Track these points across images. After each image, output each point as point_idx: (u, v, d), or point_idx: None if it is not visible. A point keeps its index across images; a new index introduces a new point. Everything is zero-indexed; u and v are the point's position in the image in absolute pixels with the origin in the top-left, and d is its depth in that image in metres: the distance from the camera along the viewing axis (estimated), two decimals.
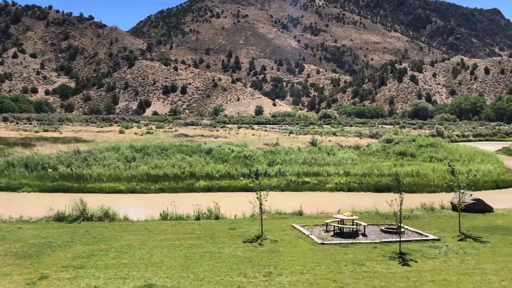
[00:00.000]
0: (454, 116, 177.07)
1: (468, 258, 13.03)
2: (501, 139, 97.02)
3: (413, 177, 33.12)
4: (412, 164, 38.79)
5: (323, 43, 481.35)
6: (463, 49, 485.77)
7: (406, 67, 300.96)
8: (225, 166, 34.82)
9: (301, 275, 11.40)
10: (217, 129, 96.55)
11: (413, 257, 13.09)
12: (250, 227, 17.04)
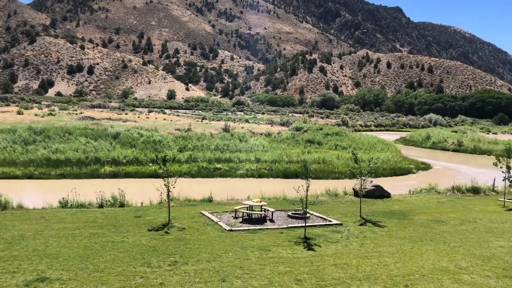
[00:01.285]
0: (358, 107, 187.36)
1: (367, 242, 13.72)
2: (399, 129, 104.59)
3: (319, 164, 34.40)
4: (319, 152, 40.31)
5: (237, 29, 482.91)
6: (369, 44, 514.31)
7: (316, 58, 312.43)
8: (133, 151, 33.57)
9: (208, 263, 11.22)
10: (126, 113, 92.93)
11: (317, 242, 13.49)
12: (157, 215, 16.51)
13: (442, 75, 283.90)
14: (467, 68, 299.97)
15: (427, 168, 39.73)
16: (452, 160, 49.12)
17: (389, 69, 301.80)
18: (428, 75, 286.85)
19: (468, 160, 49.15)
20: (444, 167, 42.43)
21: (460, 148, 57.06)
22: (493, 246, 13.58)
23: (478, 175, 29.19)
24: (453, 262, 11.97)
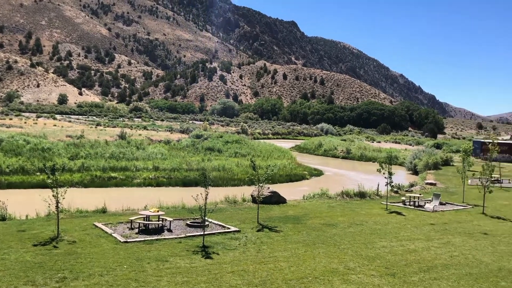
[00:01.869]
0: (257, 115, 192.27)
1: (264, 248, 14.07)
2: (294, 137, 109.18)
3: (219, 172, 34.61)
4: (219, 159, 40.58)
5: (135, 34, 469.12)
6: (266, 55, 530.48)
7: (216, 67, 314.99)
8: (18, 159, 30.95)
9: (100, 277, 10.67)
10: (10, 118, 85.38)
11: (215, 250, 13.52)
12: (45, 228, 15.34)
13: (333, 87, 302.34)
14: (354, 82, 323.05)
15: (320, 174, 41.93)
16: (342, 166, 52.40)
17: (285, 80, 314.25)
18: (320, 87, 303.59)
19: (355, 166, 52.79)
20: (335, 173, 45.09)
21: (349, 156, 61.12)
22: (377, 247, 14.69)
23: (365, 181, 31.45)
24: (342, 263, 12.73)
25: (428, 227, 18.15)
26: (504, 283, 11.41)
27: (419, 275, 11.87)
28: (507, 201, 25.87)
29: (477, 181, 26.05)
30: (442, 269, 12.47)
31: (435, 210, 22.20)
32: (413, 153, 53.27)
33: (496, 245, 15.42)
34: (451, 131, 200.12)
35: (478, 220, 20.09)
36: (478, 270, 12.44)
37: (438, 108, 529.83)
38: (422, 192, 28.21)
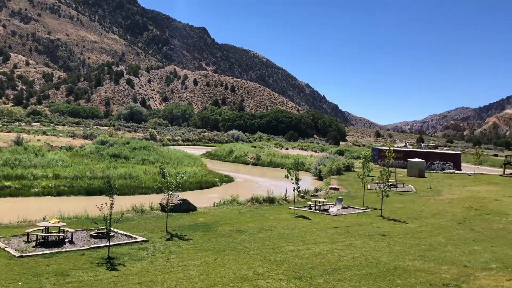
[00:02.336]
0: (166, 121, 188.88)
1: (173, 257, 13.77)
2: (205, 144, 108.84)
3: (126, 180, 33.37)
4: (126, 166, 39.14)
5: (34, 33, 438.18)
6: (176, 60, 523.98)
7: (123, 70, 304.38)
8: None
9: None
10: None
11: (121, 261, 12.97)
12: None
13: (243, 94, 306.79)
14: (264, 90, 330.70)
15: (230, 181, 42.20)
16: (252, 173, 53.24)
17: (196, 86, 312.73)
18: (231, 94, 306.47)
19: (265, 172, 53.93)
20: (245, 179, 45.67)
21: (259, 162, 62.30)
22: (285, 251, 15.08)
23: (274, 187, 32.20)
24: (252, 269, 12.86)
25: (332, 230, 19.02)
26: (399, 280, 12.28)
27: (324, 277, 12.37)
28: (402, 204, 27.98)
29: (375, 186, 27.85)
30: (345, 270, 13.11)
31: (338, 213, 23.35)
32: (318, 159, 55.60)
33: (393, 246, 16.57)
34: (353, 138, 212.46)
35: (377, 222, 21.48)
36: (377, 270, 13.26)
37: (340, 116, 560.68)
38: (326, 197, 29.52)
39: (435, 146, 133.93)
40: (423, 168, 48.61)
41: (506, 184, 41.82)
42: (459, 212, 25.25)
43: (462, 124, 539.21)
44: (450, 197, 31.80)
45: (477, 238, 18.48)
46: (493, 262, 14.54)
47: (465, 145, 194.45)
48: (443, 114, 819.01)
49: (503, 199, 31.54)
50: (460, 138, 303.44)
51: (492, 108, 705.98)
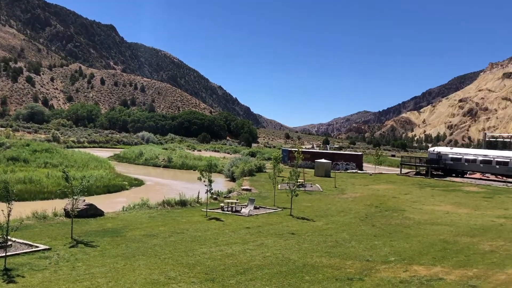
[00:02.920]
0: (71, 122, 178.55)
1: (79, 265, 13.08)
2: (113, 146, 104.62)
3: (25, 184, 31.11)
4: (25, 170, 36.49)
5: None
6: (82, 58, 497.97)
7: (23, 67, 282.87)
8: None
9: None
10: None
11: (20, 272, 12.05)
12: None
13: (154, 95, 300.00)
14: (176, 91, 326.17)
15: (140, 184, 41.02)
16: (163, 175, 52.21)
17: (103, 85, 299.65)
18: (141, 94, 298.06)
19: (177, 175, 53.16)
20: (156, 182, 44.66)
21: (170, 164, 61.25)
22: (197, 254, 15.00)
23: (186, 189, 31.88)
24: (163, 273, 12.62)
25: (244, 231, 19.28)
26: (308, 277, 12.78)
27: (236, 277, 12.50)
28: (310, 203, 29.14)
29: (285, 186, 28.70)
30: (257, 269, 13.36)
31: (250, 214, 23.72)
32: (231, 161, 56.07)
33: (301, 243, 17.20)
34: (264, 140, 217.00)
35: (287, 221, 22.16)
36: (287, 268, 13.68)
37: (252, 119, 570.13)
38: (239, 198, 29.86)
39: (339, 148, 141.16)
40: (329, 168, 51.04)
41: (402, 183, 45.31)
42: (361, 210, 26.87)
43: (364, 126, 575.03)
44: (353, 196, 33.72)
45: (378, 233, 19.80)
46: (391, 255, 15.67)
47: (366, 146, 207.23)
48: (347, 118, 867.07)
49: (400, 196, 34.15)
50: (362, 140, 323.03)
51: (390, 112, 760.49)
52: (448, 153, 57.29)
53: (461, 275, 13.04)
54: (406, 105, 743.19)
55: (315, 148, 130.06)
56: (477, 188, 42.10)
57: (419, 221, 23.20)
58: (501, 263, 14.55)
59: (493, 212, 27.25)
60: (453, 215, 25.81)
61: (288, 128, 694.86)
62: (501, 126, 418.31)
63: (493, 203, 32.05)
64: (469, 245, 17.51)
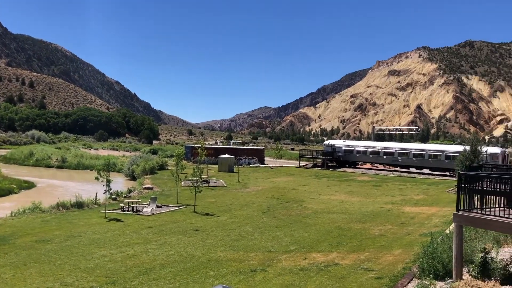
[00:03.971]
0: None
1: None
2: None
3: None
4: None
5: None
6: None
7: None
8: None
9: None
10: None
11: None
12: None
13: (45, 91, 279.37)
14: (69, 86, 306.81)
15: (31, 186, 38.11)
16: (57, 177, 48.97)
17: None
18: (29, 90, 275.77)
19: (72, 176, 50.18)
20: (49, 184, 41.78)
21: (65, 165, 57.64)
22: (96, 257, 14.33)
23: (83, 191, 30.24)
24: (59, 280, 11.88)
25: (147, 230, 18.82)
26: (212, 272, 12.84)
27: (138, 278, 12.17)
28: (214, 198, 29.27)
29: (189, 183, 28.51)
30: (160, 269, 13.13)
31: (152, 213, 23.20)
32: (131, 159, 54.31)
33: (206, 239, 17.23)
34: (166, 137, 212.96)
35: (191, 218, 22.04)
36: (191, 265, 13.62)
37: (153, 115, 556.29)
38: (140, 197, 29.05)
39: (242, 143, 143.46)
40: (232, 163, 51.65)
41: (301, 175, 47.36)
42: (263, 202, 27.61)
43: (265, 122, 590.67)
44: (256, 189, 34.53)
45: (279, 224, 20.50)
46: (292, 244, 16.32)
47: (267, 141, 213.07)
48: (249, 113, 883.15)
49: (299, 188, 35.68)
50: (263, 135, 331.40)
51: (289, 108, 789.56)
52: (342, 145, 60.99)
53: (354, 259, 14.00)
54: (303, 100, 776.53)
55: (219, 144, 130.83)
56: (367, 178, 45.37)
57: (317, 211, 24.44)
58: (389, 246, 15.86)
59: (381, 199, 29.61)
60: (347, 203, 27.58)
61: (191, 124, 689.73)
62: (388, 120, 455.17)
63: (381, 190, 34.81)
64: (361, 231, 18.84)
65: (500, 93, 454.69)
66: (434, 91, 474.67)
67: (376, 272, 12.17)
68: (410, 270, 11.93)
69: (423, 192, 33.75)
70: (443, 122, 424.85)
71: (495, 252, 11.76)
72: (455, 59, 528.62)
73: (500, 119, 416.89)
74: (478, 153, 32.70)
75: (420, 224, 20.30)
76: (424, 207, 26.10)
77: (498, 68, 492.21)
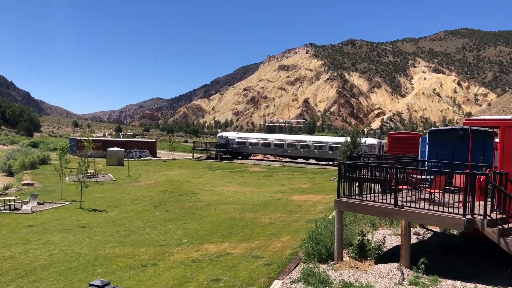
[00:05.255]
0: None
1: None
2: None
3: None
4: None
5: None
6: None
7: None
8: None
9: None
10: None
11: None
12: None
13: None
14: None
15: None
16: None
17: None
18: None
19: None
20: None
21: None
22: None
23: None
24: None
25: (26, 230, 17.43)
26: (100, 270, 12.30)
27: (16, 282, 11.24)
28: (102, 193, 28.00)
29: (74, 178, 26.90)
30: (42, 270, 12.25)
31: (33, 211, 21.53)
32: (8, 153, 49.94)
33: (93, 236, 16.44)
34: (48, 129, 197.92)
35: (77, 215, 20.86)
36: (77, 263, 12.91)
37: (34, 105, 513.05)
38: (18, 194, 26.80)
39: (133, 135, 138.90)
40: (122, 156, 49.79)
41: (194, 167, 47.28)
42: (155, 196, 27.09)
43: (157, 113, 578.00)
44: (147, 183, 33.72)
45: (171, 218, 20.28)
46: (184, 237, 16.26)
47: (160, 133, 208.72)
48: (140, 104, 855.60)
49: (193, 180, 35.60)
50: (155, 126, 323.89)
51: (182, 99, 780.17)
52: (235, 137, 62.04)
53: (245, 247, 14.38)
54: (197, 92, 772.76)
55: (107, 136, 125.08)
56: (259, 168, 46.79)
57: (210, 202, 24.62)
58: (278, 233, 16.56)
59: (272, 189, 30.74)
60: (240, 194, 28.18)
61: (77, 115, 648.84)
62: (278, 113, 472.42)
63: (272, 180, 36.14)
64: (253, 220, 19.40)
65: (378, 89, 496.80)
66: (320, 86, 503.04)
67: (266, 259, 12.64)
68: (296, 255, 12.59)
69: (310, 181, 35.74)
70: (327, 116, 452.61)
71: (371, 235, 12.91)
72: (339, 56, 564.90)
73: (377, 113, 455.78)
74: (357, 144, 35.40)
75: (307, 211, 21.48)
76: (310, 195, 27.65)
77: (376, 66, 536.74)
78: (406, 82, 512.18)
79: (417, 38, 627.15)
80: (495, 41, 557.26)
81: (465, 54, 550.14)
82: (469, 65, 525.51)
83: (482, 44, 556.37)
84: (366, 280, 9.29)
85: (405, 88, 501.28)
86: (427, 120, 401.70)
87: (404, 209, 10.36)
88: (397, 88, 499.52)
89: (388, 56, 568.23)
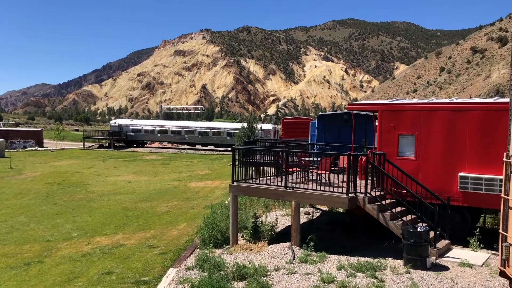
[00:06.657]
0: None
1: None
2: None
3: None
4: None
5: None
6: None
7: None
8: None
9: None
10: None
11: None
12: None
13: None
14: None
15: None
16: None
17: None
18: None
19: None
20: None
21: None
22: None
23: None
24: None
25: None
26: None
27: None
28: None
29: None
30: None
31: None
32: None
33: None
34: None
35: None
36: None
37: None
38: None
39: (15, 124, 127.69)
40: (3, 147, 45.59)
41: (86, 157, 44.82)
42: (42, 189, 25.21)
43: (43, 100, 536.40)
44: (33, 175, 31.24)
45: (60, 211, 19.03)
46: (74, 231, 15.37)
47: (47, 121, 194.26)
48: (23, 91, 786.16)
49: (84, 170, 33.72)
50: (42, 114, 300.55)
51: (71, 85, 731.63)
52: (129, 125, 59.88)
53: (140, 238, 14.00)
54: (87, 78, 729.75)
55: None
56: (156, 156, 45.75)
57: (103, 193, 23.54)
58: (174, 221, 16.37)
59: (169, 177, 30.26)
60: (135, 183, 27.32)
61: None
62: (175, 99, 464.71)
63: (169, 168, 35.56)
64: (148, 209, 18.94)
65: (273, 76, 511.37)
66: (217, 72, 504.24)
67: (161, 248, 12.44)
68: (192, 242, 12.56)
69: (208, 167, 35.81)
70: (225, 102, 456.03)
71: (265, 217, 13.30)
72: (235, 43, 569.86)
73: (273, 99, 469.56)
74: (254, 130, 36.21)
75: (204, 198, 21.52)
76: (208, 181, 27.72)
77: (271, 53, 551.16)
78: (299, 70, 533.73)
79: (308, 27, 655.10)
80: (378, 31, 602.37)
81: (352, 43, 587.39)
82: (355, 54, 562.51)
83: (366, 34, 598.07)
84: (259, 261, 9.57)
85: (298, 75, 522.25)
86: (318, 106, 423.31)
87: (294, 190, 10.82)
88: (290, 75, 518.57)
89: (282, 44, 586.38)
